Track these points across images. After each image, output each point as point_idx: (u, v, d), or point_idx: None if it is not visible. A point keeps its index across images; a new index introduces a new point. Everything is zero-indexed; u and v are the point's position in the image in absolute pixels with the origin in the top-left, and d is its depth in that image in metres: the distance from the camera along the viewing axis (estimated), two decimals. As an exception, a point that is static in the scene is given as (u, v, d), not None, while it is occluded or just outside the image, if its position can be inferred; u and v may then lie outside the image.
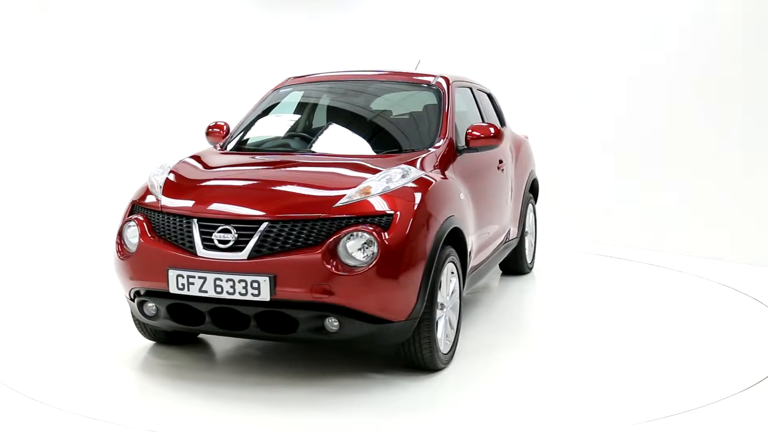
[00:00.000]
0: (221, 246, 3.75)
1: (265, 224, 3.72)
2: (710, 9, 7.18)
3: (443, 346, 4.12)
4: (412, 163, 4.26)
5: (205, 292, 3.73)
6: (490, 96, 6.18)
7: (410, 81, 5.28)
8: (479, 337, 4.79)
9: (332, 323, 3.69)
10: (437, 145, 4.60)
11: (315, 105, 5.36)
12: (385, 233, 3.69)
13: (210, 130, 5.21)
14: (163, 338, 4.56)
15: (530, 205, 6.56)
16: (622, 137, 7.90)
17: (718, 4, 7.13)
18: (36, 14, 8.83)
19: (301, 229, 3.71)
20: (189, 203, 3.98)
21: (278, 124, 5.28)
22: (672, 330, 5.06)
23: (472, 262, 4.76)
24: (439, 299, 4.03)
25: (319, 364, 4.25)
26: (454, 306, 4.29)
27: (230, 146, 4.99)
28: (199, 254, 3.78)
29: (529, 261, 6.57)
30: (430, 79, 5.17)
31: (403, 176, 4.01)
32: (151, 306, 4.02)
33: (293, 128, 5.20)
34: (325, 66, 8.09)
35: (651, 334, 4.99)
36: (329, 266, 3.62)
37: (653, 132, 7.65)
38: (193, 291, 3.76)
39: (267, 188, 4.05)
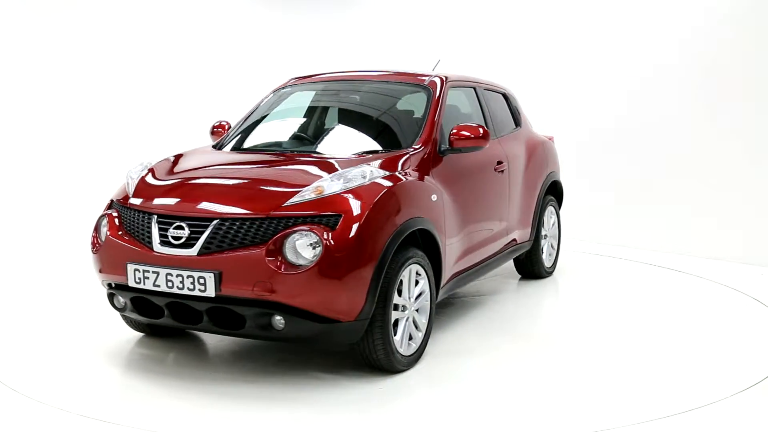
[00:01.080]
0: (175, 242, 3.86)
1: (215, 222, 3.81)
2: (732, 8, 7.16)
3: (404, 348, 4.11)
4: (387, 163, 4.26)
5: (158, 286, 3.85)
6: (505, 96, 6.11)
7: (403, 81, 5.24)
8: (462, 340, 4.74)
9: (278, 321, 3.74)
10: (416, 145, 4.58)
11: (308, 105, 5.42)
12: (330, 233, 3.70)
13: (214, 129, 5.38)
14: (147, 330, 4.70)
15: (550, 208, 6.42)
16: (621, 137, 7.90)
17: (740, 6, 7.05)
18: (38, 16, 8.83)
19: (249, 227, 3.77)
20: (151, 200, 4.12)
21: (269, 124, 5.34)
22: (672, 330, 5.06)
23: (456, 266, 4.73)
24: (399, 301, 4.04)
25: (301, 360, 4.27)
26: (423, 308, 4.28)
27: (225, 145, 5.11)
28: (154, 250, 3.90)
29: (548, 265, 6.43)
30: (424, 79, 5.13)
31: (363, 176, 4.01)
32: (119, 298, 4.15)
33: (282, 128, 5.30)
34: (328, 66, 8.09)
35: (651, 333, 4.99)
36: (272, 264, 3.66)
37: (653, 132, 7.66)
38: (148, 285, 3.89)
39: (223, 187, 4.14)
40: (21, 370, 4.25)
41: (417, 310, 4.25)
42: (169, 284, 3.82)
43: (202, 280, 3.74)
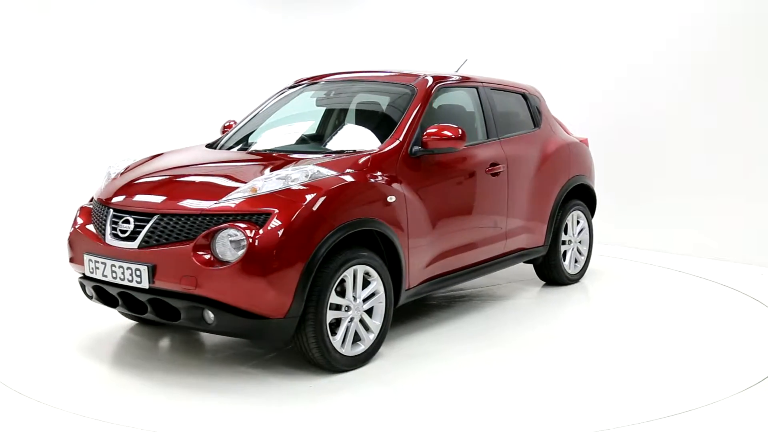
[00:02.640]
0: (121, 235, 4.08)
1: (155, 217, 4.00)
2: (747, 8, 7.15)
3: (346, 348, 4.14)
4: (341, 164, 4.28)
5: (106, 276, 4.09)
6: (525, 96, 5.97)
7: (394, 82, 5.23)
8: (426, 344, 4.68)
9: (208, 315, 3.84)
10: (384, 146, 4.57)
11: (301, 107, 5.48)
12: (257, 231, 3.78)
13: (224, 128, 5.64)
14: (136, 319, 4.90)
15: (576, 213, 6.18)
16: (621, 137, 7.89)
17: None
18: (43, 18, 8.84)
19: (184, 223, 3.92)
20: (112, 195, 4.36)
21: (263, 125, 5.42)
22: (672, 330, 5.06)
23: (430, 269, 4.70)
24: (340, 301, 4.07)
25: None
26: (377, 310, 4.30)
27: (217, 144, 5.24)
28: (106, 241, 4.14)
29: (571, 272, 6.19)
30: (414, 79, 5.10)
31: (306, 176, 4.06)
32: (87, 287, 4.36)
33: (270, 129, 5.36)
34: (330, 66, 8.08)
35: (651, 333, 4.99)
36: (198, 260, 3.78)
37: (653, 132, 7.66)
38: (99, 275, 4.14)
39: (173, 184, 4.29)
40: (14, 367, 4.27)
41: (368, 311, 4.26)
42: (114, 275, 4.04)
43: (138, 272, 3.93)
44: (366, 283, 4.24)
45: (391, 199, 4.36)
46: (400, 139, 4.63)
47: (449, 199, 4.87)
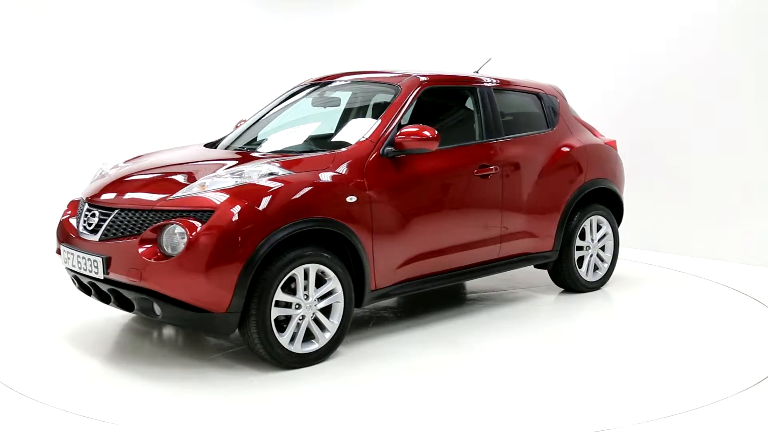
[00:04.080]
0: (88, 228, 4.32)
1: (115, 211, 4.22)
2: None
3: (296, 345, 4.18)
4: (301, 163, 4.35)
5: (74, 267, 4.34)
6: (539, 96, 5.80)
7: (383, 81, 5.20)
8: (390, 345, 4.65)
9: (156, 307, 4.00)
10: (354, 146, 4.59)
11: (292, 107, 5.51)
12: (198, 228, 3.89)
13: (236, 127, 5.78)
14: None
15: (596, 218, 5.91)
16: (620, 137, 7.88)
17: None
18: (42, 19, 8.84)
19: (138, 218, 4.11)
20: (89, 190, 4.62)
21: (257, 125, 5.49)
22: (672, 329, 5.06)
23: (403, 271, 4.67)
24: (289, 299, 4.13)
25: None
26: (335, 309, 4.32)
27: (217, 144, 5.35)
28: (78, 234, 4.38)
29: (589, 279, 5.93)
30: (403, 79, 5.07)
31: (260, 174, 4.14)
32: (69, 276, 4.56)
33: (259, 129, 5.42)
34: (331, 67, 8.07)
35: (651, 333, 5.00)
36: (143, 253, 3.95)
37: (653, 131, 7.66)
38: (69, 265, 4.41)
39: (139, 181, 4.45)
40: (9, 366, 4.30)
41: (327, 310, 4.30)
42: (79, 265, 4.29)
43: (95, 263, 4.15)
44: (323, 282, 4.27)
45: (351, 199, 4.36)
46: (373, 139, 4.64)
47: (427, 200, 4.80)
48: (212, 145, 5.36)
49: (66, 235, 4.52)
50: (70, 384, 4.08)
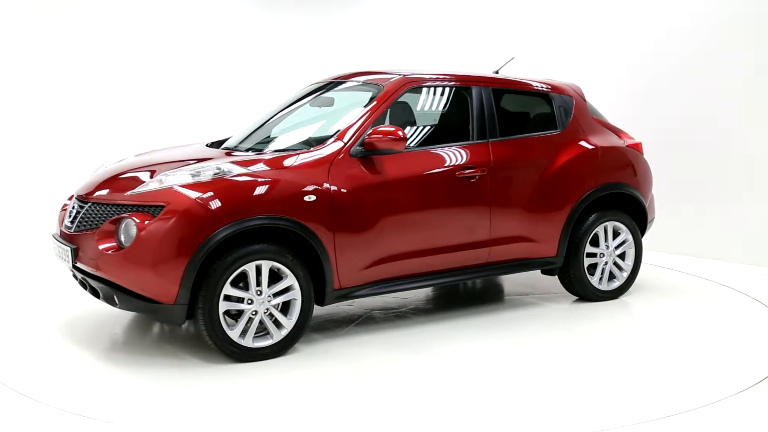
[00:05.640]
0: (69, 219, 4.55)
1: (88, 205, 4.45)
2: None
3: (247, 340, 4.28)
4: (266, 161, 4.45)
5: (58, 255, 4.59)
6: (547, 97, 5.56)
7: (371, 82, 5.17)
8: (346, 346, 4.63)
9: (114, 296, 4.20)
10: (322, 145, 4.63)
11: (285, 107, 5.53)
12: (147, 222, 4.10)
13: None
14: None
15: (611, 224, 5.59)
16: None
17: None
18: (42, 20, 8.84)
19: (102, 211, 4.35)
20: (81, 185, 4.80)
21: (253, 125, 5.53)
22: (672, 329, 5.06)
23: (371, 272, 4.64)
24: (242, 294, 4.24)
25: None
26: (291, 306, 4.39)
27: (221, 143, 5.35)
28: (64, 225, 4.61)
29: (601, 288, 5.62)
30: (388, 79, 5.05)
31: (215, 172, 4.29)
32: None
33: (252, 129, 5.45)
34: (333, 67, 8.07)
35: (651, 333, 5.00)
36: (99, 244, 4.20)
37: (652, 131, 7.65)
38: (55, 255, 4.66)
39: (117, 177, 4.61)
40: (8, 365, 4.31)
41: (279, 307, 4.37)
42: (59, 254, 4.56)
43: (67, 253, 4.40)
44: (279, 279, 4.34)
45: (309, 198, 4.40)
46: (343, 138, 4.67)
47: (400, 201, 4.75)
48: (215, 144, 5.36)
49: (57, 227, 4.77)
50: (62, 380, 4.10)
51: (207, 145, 5.35)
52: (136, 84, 9.41)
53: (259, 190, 4.28)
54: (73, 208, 4.59)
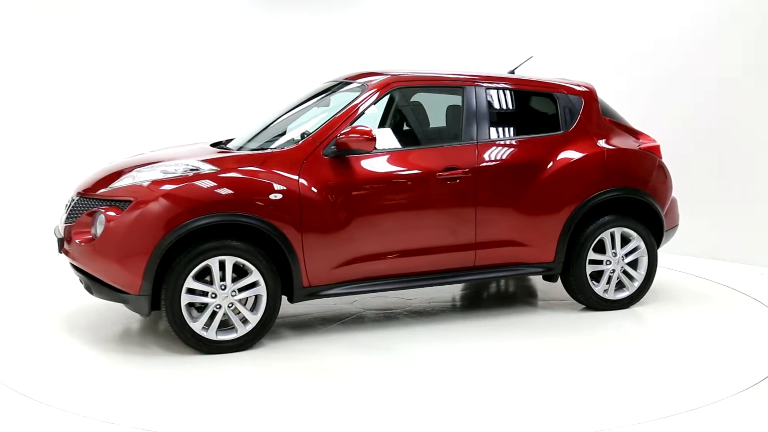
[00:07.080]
0: (66, 212, 4.74)
1: (77, 199, 4.68)
2: None
3: (211, 333, 4.41)
4: (236, 159, 4.61)
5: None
6: (552, 97, 5.34)
7: (361, 83, 5.12)
8: (316, 346, 4.65)
9: (90, 285, 4.49)
10: (296, 145, 4.71)
11: (280, 108, 5.54)
12: (114, 215, 4.33)
13: None
14: None
15: (619, 231, 5.32)
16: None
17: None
18: (41, 20, 8.84)
19: (85, 205, 4.58)
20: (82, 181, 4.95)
21: (251, 125, 5.55)
22: (672, 329, 5.06)
23: (343, 271, 4.65)
24: (205, 288, 4.37)
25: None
26: (257, 301, 4.49)
27: (226, 143, 5.37)
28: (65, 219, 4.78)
29: (608, 296, 5.35)
30: (372, 80, 5.04)
31: (187, 170, 4.46)
32: None
33: (248, 129, 5.50)
34: (335, 68, 8.06)
35: (650, 333, 5.00)
36: (74, 236, 4.47)
37: (652, 131, 7.64)
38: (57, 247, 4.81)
39: (108, 173, 4.75)
40: (9, 364, 4.32)
41: (246, 302, 4.48)
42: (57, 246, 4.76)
43: (57, 244, 4.69)
44: (245, 274, 4.45)
45: (275, 196, 4.46)
46: (316, 138, 4.71)
47: (374, 202, 4.73)
48: (218, 144, 5.34)
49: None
50: (62, 380, 4.10)
51: (211, 145, 5.31)
52: (138, 84, 9.41)
53: (223, 187, 4.41)
54: (71, 201, 4.77)
